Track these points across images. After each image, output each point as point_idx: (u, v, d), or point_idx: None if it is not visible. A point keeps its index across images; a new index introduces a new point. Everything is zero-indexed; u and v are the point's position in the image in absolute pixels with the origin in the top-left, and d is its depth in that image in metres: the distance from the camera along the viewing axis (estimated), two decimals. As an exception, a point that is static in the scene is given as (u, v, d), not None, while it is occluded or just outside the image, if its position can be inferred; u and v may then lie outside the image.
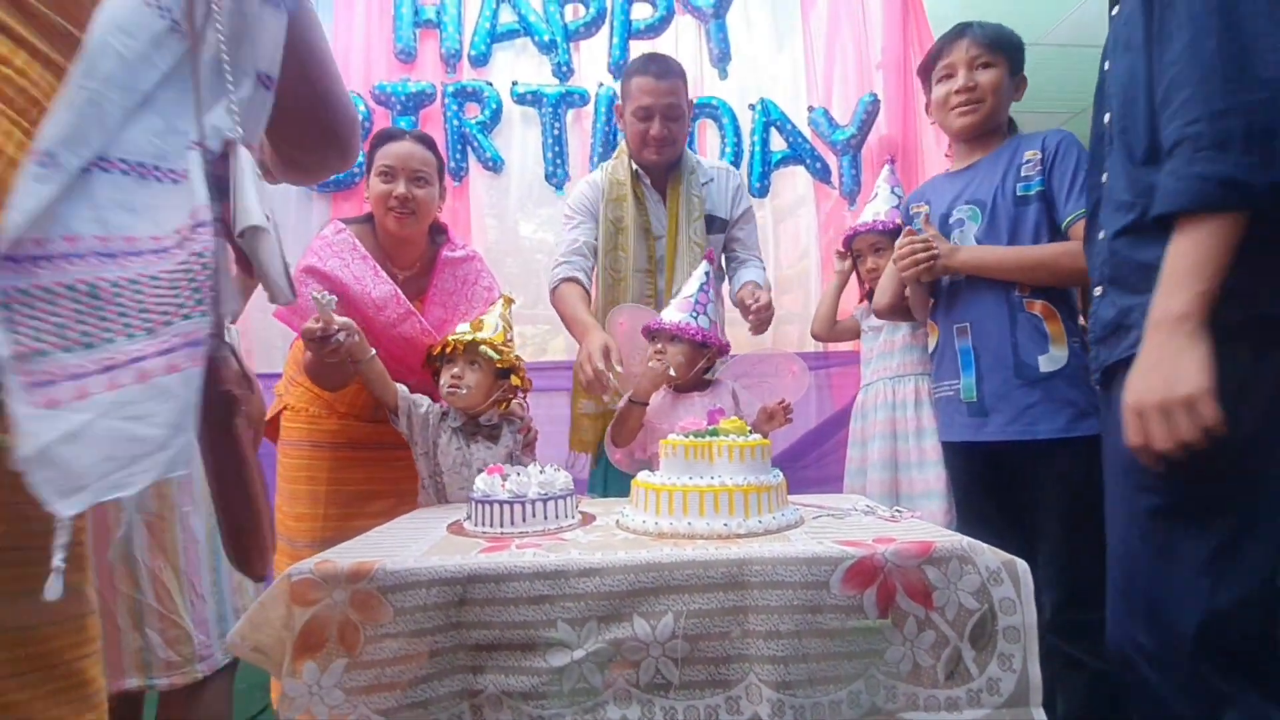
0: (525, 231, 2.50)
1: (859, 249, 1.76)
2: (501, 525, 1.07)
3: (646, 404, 1.48)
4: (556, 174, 2.37)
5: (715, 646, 0.85)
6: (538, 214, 2.47)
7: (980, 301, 1.34)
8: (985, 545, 0.90)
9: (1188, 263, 0.81)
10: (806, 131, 2.43)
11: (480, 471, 1.40)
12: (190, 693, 0.92)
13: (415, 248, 1.61)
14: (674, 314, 1.47)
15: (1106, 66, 1.01)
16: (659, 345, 1.47)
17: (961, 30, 1.42)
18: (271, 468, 1.65)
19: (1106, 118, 1.00)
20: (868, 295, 1.79)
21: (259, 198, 0.56)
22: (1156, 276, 0.87)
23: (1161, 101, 0.85)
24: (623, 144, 1.85)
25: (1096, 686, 1.15)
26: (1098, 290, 1.01)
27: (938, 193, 1.48)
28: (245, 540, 0.59)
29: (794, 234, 2.49)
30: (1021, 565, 0.88)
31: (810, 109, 2.44)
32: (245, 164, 0.56)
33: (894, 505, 1.49)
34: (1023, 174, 1.29)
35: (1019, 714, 0.86)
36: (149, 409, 0.48)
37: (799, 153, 2.42)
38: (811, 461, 2.34)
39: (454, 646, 0.86)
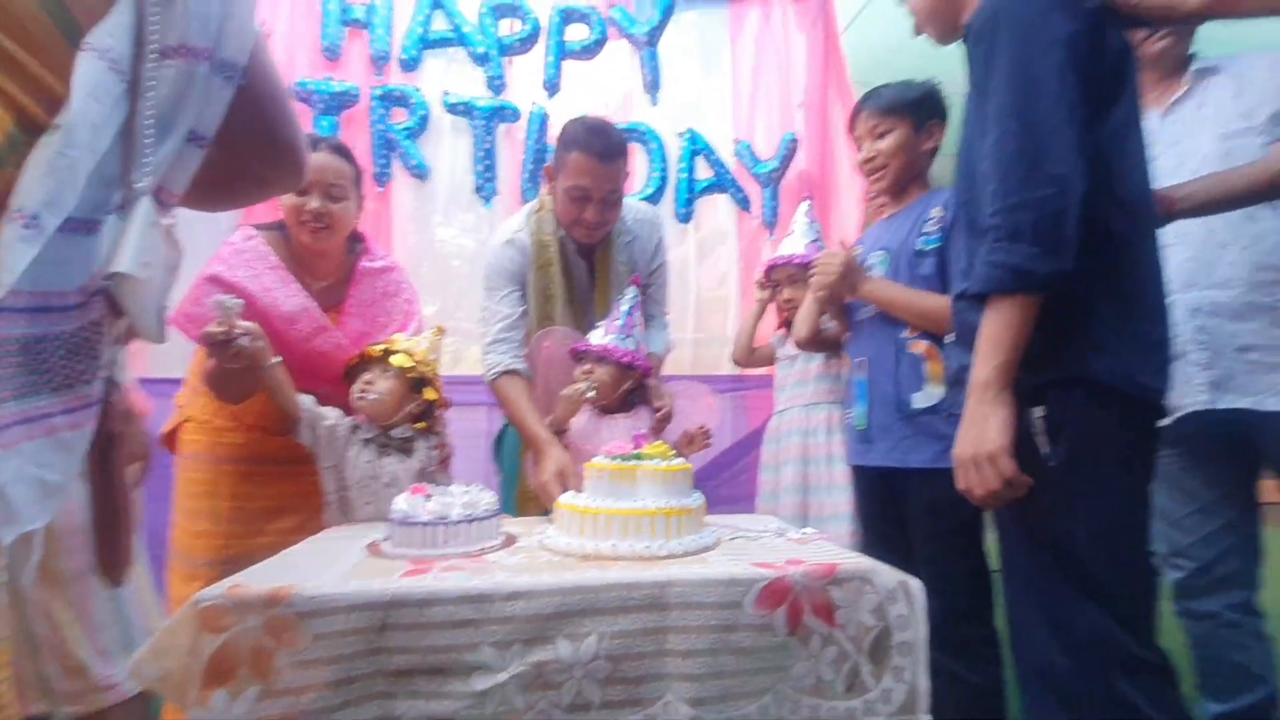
0: (444, 236, 2.45)
1: (777, 280, 1.86)
2: (424, 547, 1.06)
3: (566, 430, 1.50)
4: (485, 187, 2.37)
5: (635, 666, 0.88)
6: (460, 219, 2.45)
7: (876, 339, 1.45)
8: (884, 565, 0.98)
9: (990, 337, 0.94)
10: (731, 162, 2.54)
11: (389, 486, 1.39)
12: None
13: (331, 259, 1.56)
14: (601, 336, 1.51)
15: (959, 151, 1.14)
16: (587, 365, 1.50)
17: (861, 102, 1.55)
18: (170, 480, 1.55)
19: (959, 187, 1.13)
20: (784, 324, 1.89)
21: (142, 246, 0.58)
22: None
23: (979, 187, 0.98)
24: (547, 200, 1.69)
25: (975, 700, 1.27)
26: (950, 339, 1.15)
27: (868, 237, 1.60)
28: (108, 552, 0.65)
29: (715, 260, 2.59)
30: (915, 584, 0.97)
31: (736, 141, 2.55)
32: (141, 216, 0.58)
33: (804, 527, 1.59)
34: (924, 229, 1.41)
35: (908, 722, 0.94)
36: (53, 459, 0.54)
37: (723, 182, 2.53)
38: (725, 480, 2.43)
39: (373, 672, 0.85)
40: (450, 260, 2.46)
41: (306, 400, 1.42)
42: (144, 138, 0.57)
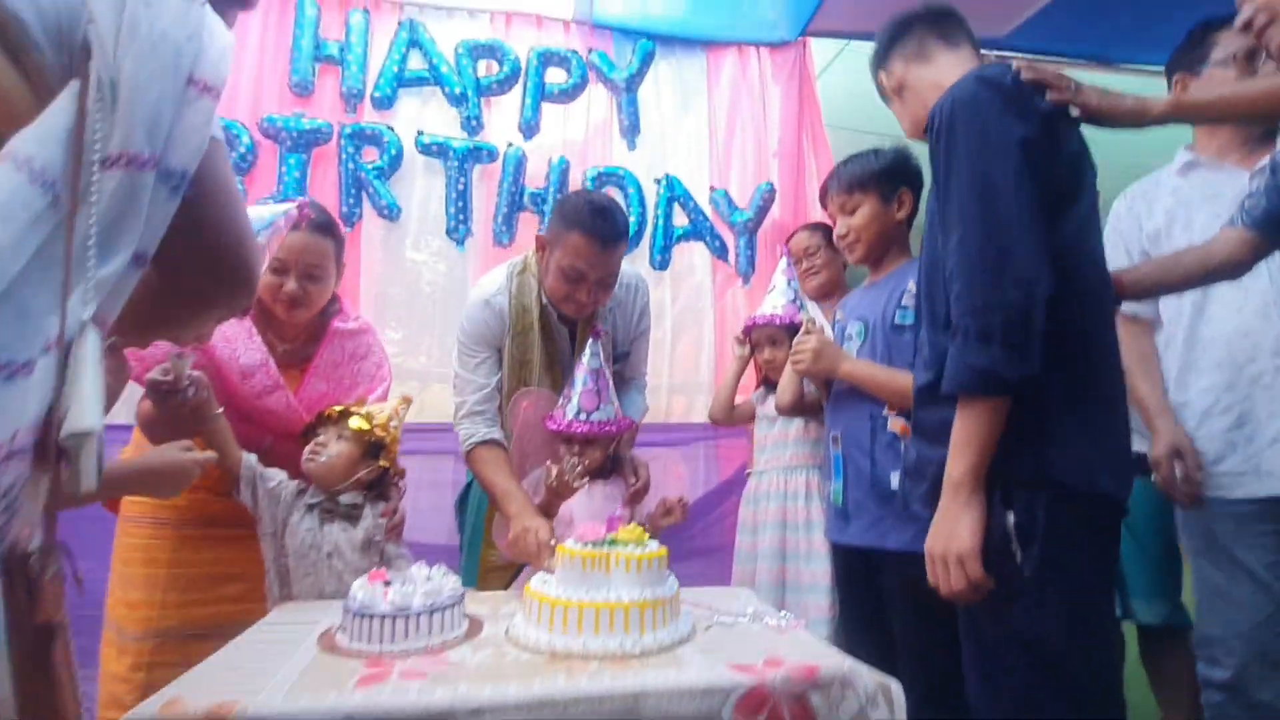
0: (414, 263, 2.36)
1: (757, 339, 1.84)
2: (381, 642, 0.99)
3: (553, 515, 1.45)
4: (459, 230, 2.31)
5: (607, 785, 0.83)
6: (432, 259, 2.38)
7: (851, 413, 1.44)
8: (865, 668, 0.95)
9: (963, 437, 0.94)
10: (707, 210, 2.53)
11: (331, 557, 1.32)
12: None
13: (302, 325, 1.51)
14: (580, 412, 1.46)
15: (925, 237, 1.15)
16: (575, 448, 1.45)
17: (827, 181, 1.55)
18: (109, 539, 1.46)
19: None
20: (763, 382, 1.87)
21: (96, 390, 0.51)
22: (945, 434, 1.00)
23: (946, 284, 0.99)
24: (531, 262, 1.61)
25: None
26: (913, 428, 1.14)
27: (848, 304, 1.59)
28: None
29: (690, 307, 2.56)
30: (896, 687, 0.94)
31: (712, 189, 2.55)
32: (89, 353, 0.50)
33: (781, 595, 1.55)
34: (902, 302, 1.40)
35: (889, 834, 0.90)
36: None
37: (699, 229, 2.52)
38: (698, 531, 2.39)
39: (322, 799, 0.78)
40: (421, 289, 2.38)
41: (250, 459, 1.36)
42: (86, 258, 0.50)
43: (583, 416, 1.47)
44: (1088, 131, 1.06)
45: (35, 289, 0.47)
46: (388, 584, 1.06)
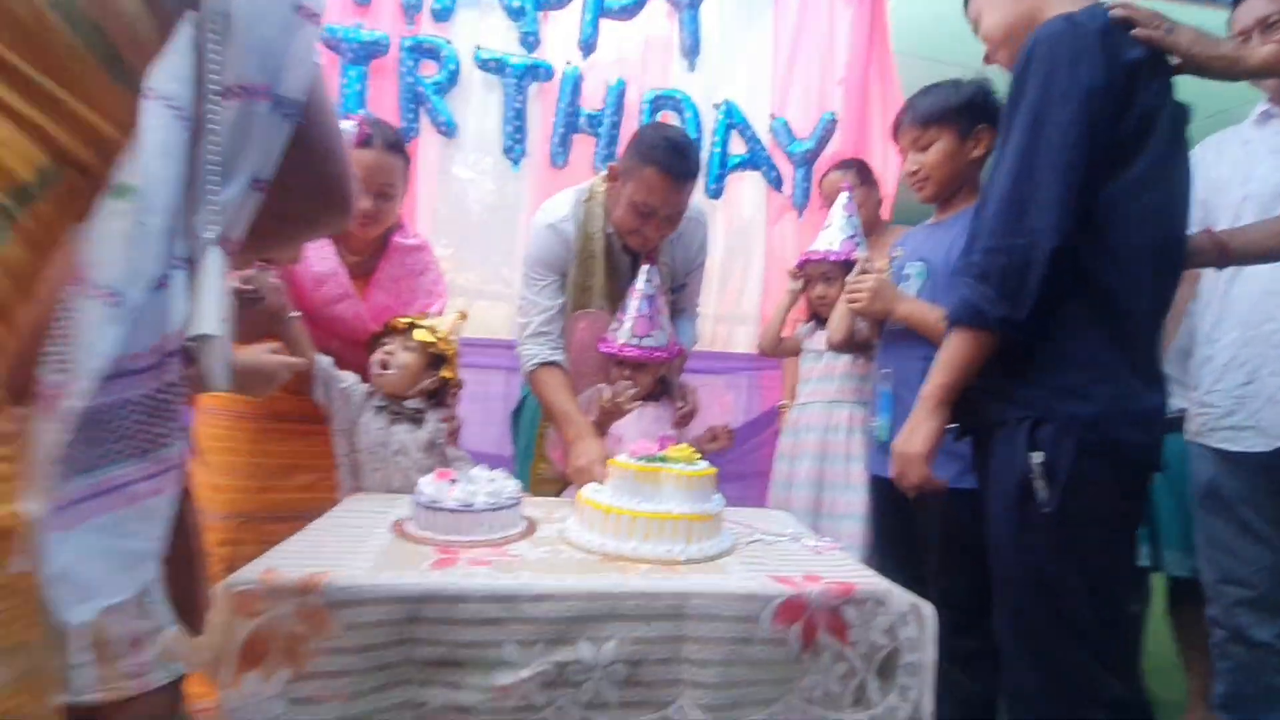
0: (465, 180, 2.38)
1: (810, 274, 1.83)
2: (448, 532, 1.08)
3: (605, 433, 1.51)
4: (514, 149, 2.31)
5: (652, 671, 0.91)
6: (487, 178, 2.39)
7: (904, 351, 1.44)
8: (898, 588, 1.00)
9: (944, 357, 1.04)
10: (765, 138, 2.47)
11: (398, 455, 1.42)
12: (121, 709, 0.89)
13: (368, 239, 1.56)
14: (632, 336, 1.50)
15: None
16: (626, 371, 1.50)
17: (901, 113, 1.49)
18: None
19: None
20: (812, 317, 1.87)
21: (218, 300, 0.56)
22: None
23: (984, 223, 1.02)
24: (599, 190, 1.63)
25: (973, 705, 1.31)
26: None
27: (911, 242, 1.56)
28: (185, 601, 0.63)
29: (740, 236, 2.54)
30: (928, 609, 0.99)
31: (772, 116, 2.47)
32: (213, 269, 0.55)
33: (815, 520, 1.61)
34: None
35: (910, 738, 0.97)
36: (138, 528, 0.52)
37: (756, 159, 2.46)
38: (735, 457, 2.45)
39: (401, 661, 0.88)
40: (473, 208, 2.40)
41: (324, 360, 1.44)
42: (208, 184, 0.54)
43: (634, 341, 1.51)
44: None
45: (175, 214, 0.51)
46: (453, 482, 1.14)
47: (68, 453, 0.46)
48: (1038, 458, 0.97)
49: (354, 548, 1.01)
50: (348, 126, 1.39)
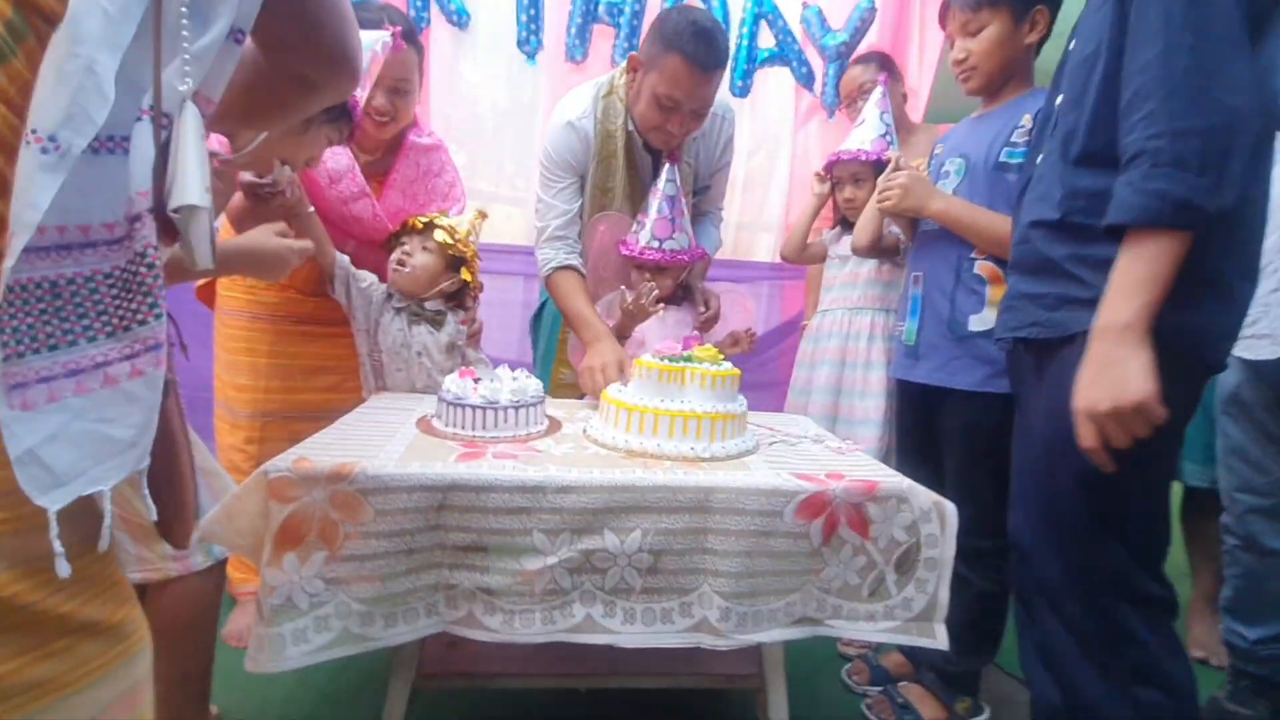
0: (477, 82, 2.27)
1: (839, 176, 1.74)
2: (474, 429, 1.09)
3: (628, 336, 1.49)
4: (530, 41, 2.18)
5: (675, 560, 0.94)
6: (500, 72, 2.27)
7: (937, 254, 1.38)
8: (921, 488, 1.00)
9: (1135, 275, 0.85)
10: (797, 30, 2.31)
11: (420, 355, 1.42)
12: (165, 589, 0.93)
13: (383, 137, 1.50)
14: (653, 239, 1.45)
15: (1072, 46, 1.01)
16: (647, 275, 1.46)
17: None
18: (208, 330, 1.59)
19: (1059, 100, 1.01)
20: (840, 221, 1.81)
21: (200, 166, 0.51)
22: (1053, 270, 0.96)
23: (1126, 106, 0.87)
24: (619, 84, 1.52)
25: (980, 600, 1.34)
26: (1009, 264, 1.09)
27: (952, 137, 1.46)
28: (168, 515, 0.59)
29: (767, 138, 2.42)
30: (949, 507, 1.00)
31: (804, 5, 2.30)
32: (190, 129, 0.50)
33: (832, 426, 1.61)
34: (1011, 139, 1.28)
35: (924, 628, 1.00)
36: (117, 412, 0.49)
37: (786, 53, 2.31)
38: (754, 366, 2.45)
39: (432, 545, 0.91)
40: (487, 106, 2.30)
41: (344, 258, 1.42)
42: (179, 30, 0.48)
43: (655, 244, 1.47)
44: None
45: (137, 64, 0.46)
46: (477, 380, 1.14)
47: (26, 324, 0.43)
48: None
49: (382, 441, 1.03)
50: (382, 36, 1.30)
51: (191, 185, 0.51)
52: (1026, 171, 1.09)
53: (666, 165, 1.47)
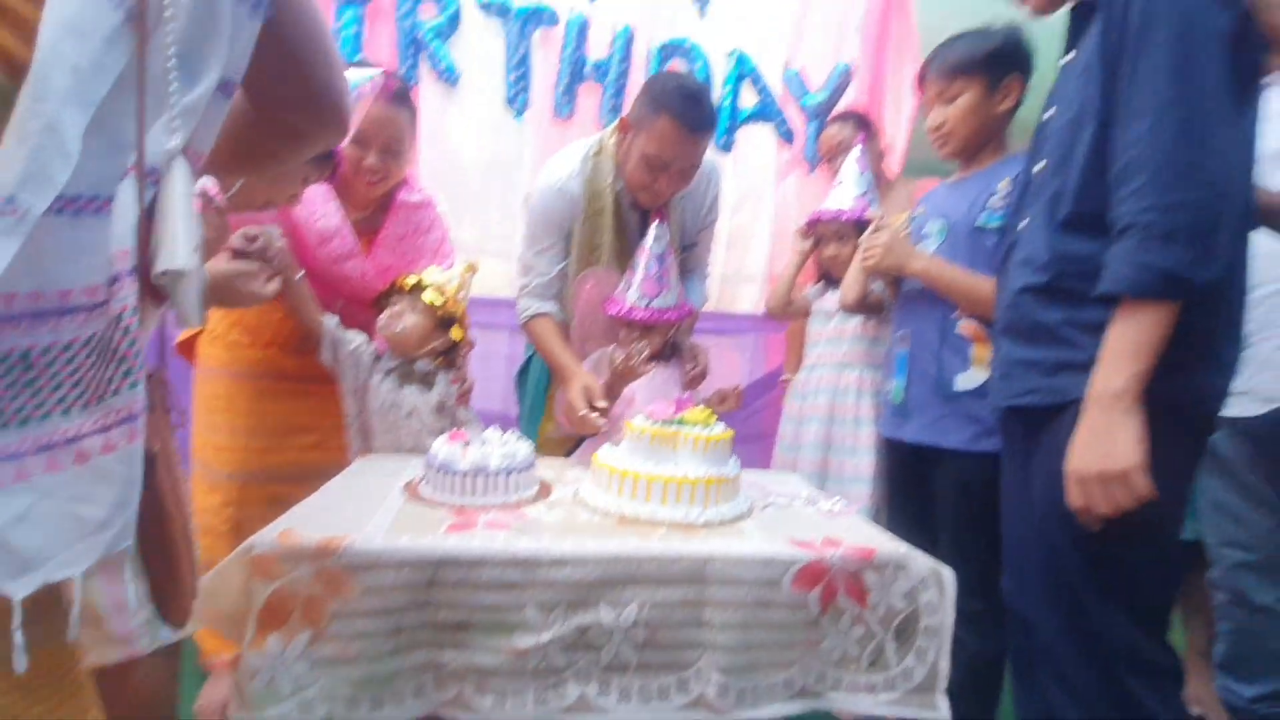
0: (462, 133, 2.30)
1: (821, 234, 1.78)
2: (462, 495, 1.07)
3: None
4: (518, 99, 2.23)
5: (672, 634, 0.91)
6: (488, 128, 2.30)
7: (921, 313, 1.40)
8: (919, 553, 0.99)
9: (1126, 344, 0.87)
10: (778, 90, 2.39)
11: (409, 417, 1.40)
12: (115, 674, 0.88)
13: (374, 195, 1.51)
14: (641, 298, 1.46)
15: (1050, 113, 1.05)
16: (635, 334, 1.47)
17: (928, 61, 1.41)
18: (187, 388, 1.55)
19: (1040, 165, 1.04)
20: (823, 277, 1.84)
21: (188, 227, 0.49)
22: (1048, 336, 0.98)
23: (1117, 176, 0.90)
24: (609, 144, 1.56)
25: (974, 663, 1.33)
26: (998, 328, 1.11)
27: (932, 199, 1.50)
28: (163, 592, 0.56)
29: (749, 191, 2.47)
30: (948, 573, 0.99)
31: (785, 66, 2.38)
32: (179, 187, 0.49)
33: (822, 483, 1.61)
34: (989, 204, 1.32)
35: (925, 699, 0.98)
36: (90, 491, 0.46)
37: (767, 112, 2.39)
38: (740, 419, 2.45)
39: (420, 624, 0.87)
40: (476, 160, 2.33)
41: (330, 321, 1.41)
42: (167, 83, 0.46)
43: (643, 302, 1.47)
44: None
45: (118, 120, 0.45)
46: (466, 444, 1.12)
47: None
48: None
49: (369, 510, 1.00)
50: (372, 74, 1.31)
51: (180, 248, 0.48)
52: (1009, 236, 1.12)
53: (655, 223, 1.49)
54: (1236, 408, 1.44)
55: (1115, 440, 0.87)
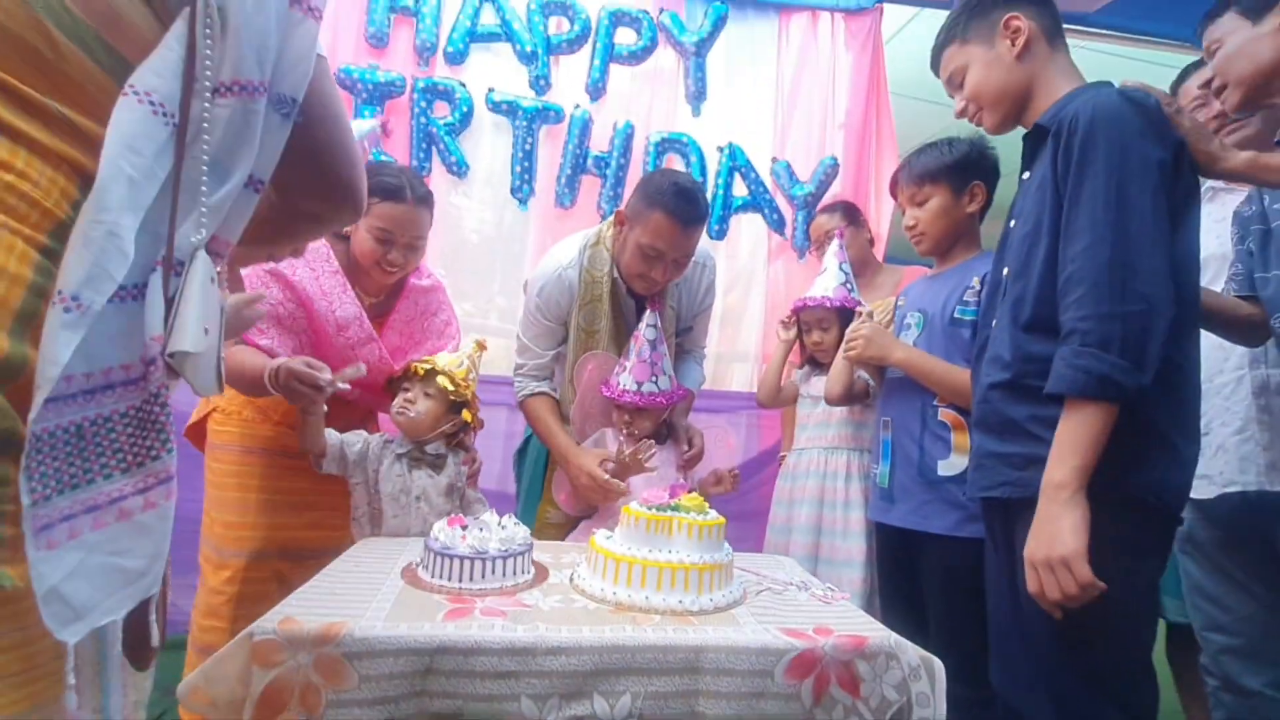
0: (469, 218, 2.43)
1: (805, 321, 1.83)
2: (460, 580, 1.09)
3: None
4: (523, 189, 2.36)
5: (666, 725, 0.92)
6: (493, 202, 2.42)
7: (904, 401, 1.47)
8: (909, 644, 1.01)
9: (1070, 439, 0.95)
10: (768, 181, 2.53)
11: (420, 500, 1.42)
12: None
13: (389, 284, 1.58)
14: (633, 382, 1.52)
15: (1012, 225, 1.15)
16: (626, 416, 1.52)
17: (898, 170, 1.54)
18: (198, 471, 1.58)
19: (1005, 271, 1.14)
20: (808, 360, 1.89)
21: (203, 314, 0.54)
22: (1016, 431, 1.04)
23: (1061, 288, 0.99)
24: (606, 235, 1.65)
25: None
26: (973, 421, 1.17)
27: (911, 291, 1.60)
28: (134, 632, 0.57)
29: (741, 276, 2.58)
30: (938, 665, 1.00)
31: (774, 160, 2.53)
32: (198, 277, 0.53)
33: (814, 567, 1.62)
34: (964, 298, 1.41)
35: (918, 792, 0.97)
36: (130, 544, 0.51)
37: (758, 202, 2.52)
38: (734, 497, 2.45)
39: (416, 713, 0.88)
40: (481, 244, 2.44)
41: (333, 437, 1.44)
42: (199, 186, 0.52)
43: (634, 387, 1.53)
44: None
45: (158, 218, 0.50)
46: (464, 528, 1.14)
47: (54, 468, 0.45)
48: None
49: (369, 595, 1.01)
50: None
51: (189, 332, 0.53)
52: (982, 334, 1.19)
53: (648, 311, 1.57)
54: (1200, 491, 1.48)
55: (1059, 528, 0.93)
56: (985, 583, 1.18)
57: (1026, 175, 1.14)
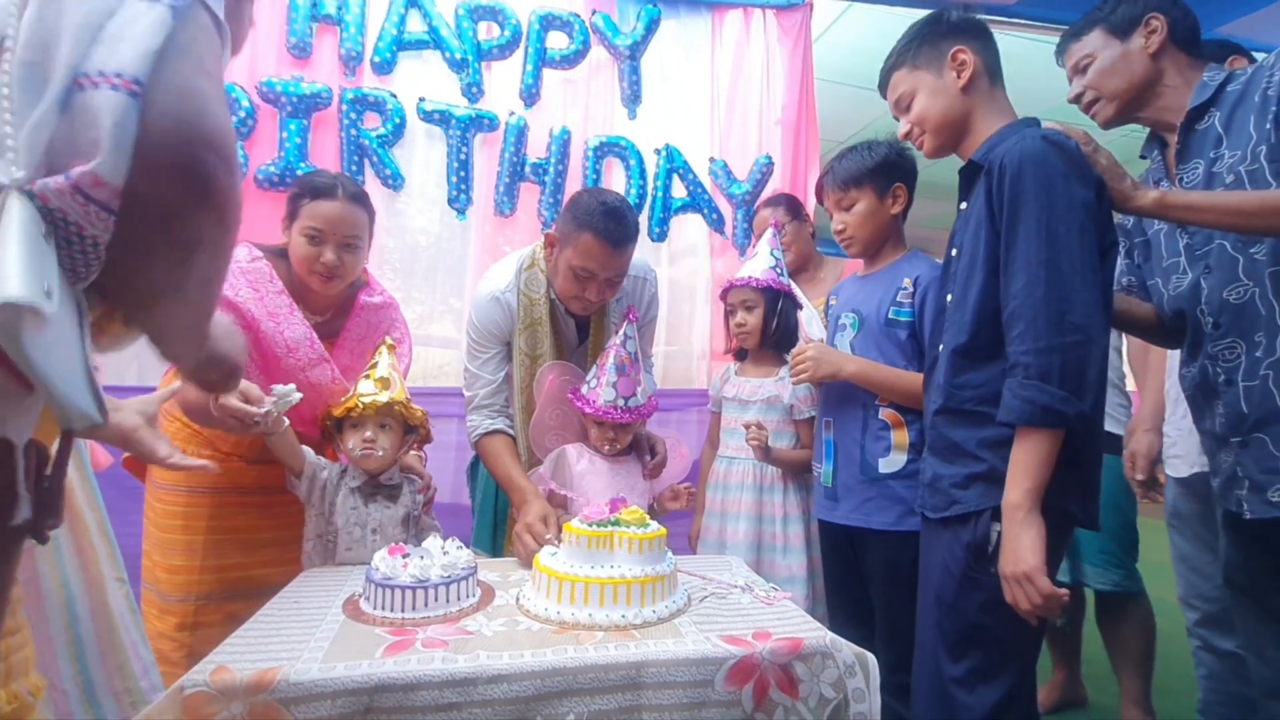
0: (415, 224, 2.38)
1: (731, 304, 1.76)
2: (403, 610, 1.08)
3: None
4: (460, 199, 2.33)
5: (610, 743, 0.93)
6: (430, 213, 2.38)
7: (844, 402, 1.51)
8: (844, 641, 1.05)
9: (1021, 464, 1.03)
10: (706, 181, 2.55)
11: (374, 533, 1.38)
12: None
13: (332, 297, 1.53)
14: (618, 398, 1.51)
15: (954, 254, 1.21)
16: (611, 433, 1.53)
17: (823, 176, 1.58)
18: (137, 504, 1.52)
19: (949, 298, 1.20)
20: (734, 351, 1.84)
21: (34, 261, 0.42)
22: (960, 453, 1.13)
23: (1006, 321, 1.07)
24: (540, 256, 1.63)
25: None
26: (926, 446, 1.23)
27: (843, 291, 1.63)
28: None
29: (685, 276, 2.60)
30: (871, 660, 1.04)
31: (711, 160, 2.55)
32: (15, 217, 0.42)
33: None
34: (897, 299, 1.45)
35: (857, 785, 1.01)
36: None
37: (697, 201, 2.54)
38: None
39: (357, 754, 0.88)
40: (419, 256, 2.40)
41: (312, 456, 1.40)
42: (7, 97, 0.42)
43: (620, 403, 1.51)
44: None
45: None
46: (405, 557, 1.14)
47: None
48: (997, 528, 1.07)
49: (307, 634, 1.00)
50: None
51: (9, 277, 0.40)
52: (930, 355, 1.26)
53: (625, 324, 1.55)
54: (1178, 470, 1.65)
55: (1020, 546, 1.01)
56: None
57: (964, 205, 1.20)
